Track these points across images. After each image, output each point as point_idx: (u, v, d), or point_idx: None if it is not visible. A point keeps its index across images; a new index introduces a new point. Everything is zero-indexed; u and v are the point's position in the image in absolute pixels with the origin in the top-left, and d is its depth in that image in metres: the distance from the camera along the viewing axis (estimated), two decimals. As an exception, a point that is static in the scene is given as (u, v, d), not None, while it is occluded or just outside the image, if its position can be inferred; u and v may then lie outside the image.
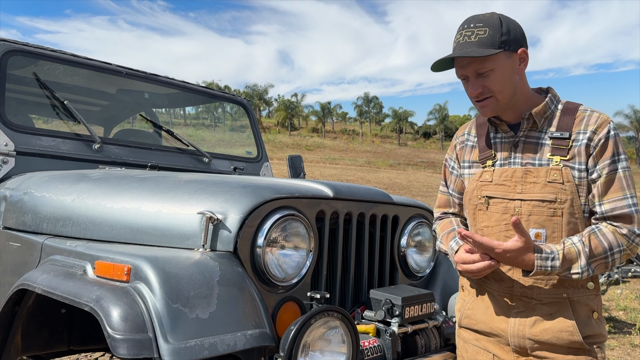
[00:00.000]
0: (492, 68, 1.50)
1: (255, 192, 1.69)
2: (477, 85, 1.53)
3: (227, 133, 4.53)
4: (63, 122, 2.87)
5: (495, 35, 1.49)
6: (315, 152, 56.73)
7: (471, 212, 1.65)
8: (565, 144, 1.51)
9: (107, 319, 1.33)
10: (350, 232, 1.96)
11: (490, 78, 1.51)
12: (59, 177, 2.23)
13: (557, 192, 1.49)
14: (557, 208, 1.50)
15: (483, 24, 1.50)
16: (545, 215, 1.51)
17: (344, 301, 1.96)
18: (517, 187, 1.55)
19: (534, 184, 1.52)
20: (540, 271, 1.45)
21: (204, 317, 1.38)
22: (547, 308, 1.53)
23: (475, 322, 1.65)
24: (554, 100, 1.59)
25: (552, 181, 1.50)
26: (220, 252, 1.58)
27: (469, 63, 1.51)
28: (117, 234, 1.80)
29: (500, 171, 1.59)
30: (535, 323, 1.53)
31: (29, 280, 1.68)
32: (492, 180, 1.60)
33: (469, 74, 1.53)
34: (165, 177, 2.01)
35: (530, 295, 1.55)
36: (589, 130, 1.50)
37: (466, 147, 1.74)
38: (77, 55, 2.96)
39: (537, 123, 1.57)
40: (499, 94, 1.53)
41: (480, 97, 1.54)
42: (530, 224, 1.52)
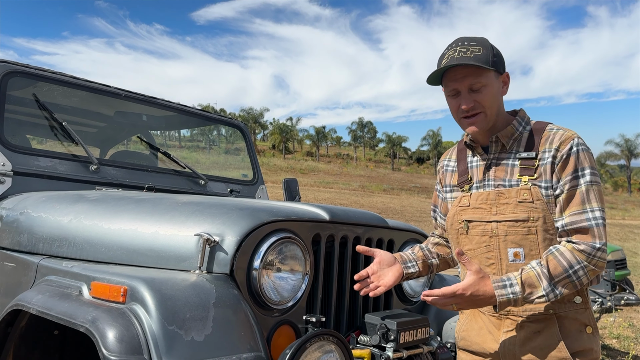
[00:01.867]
0: (486, 84, 1.56)
1: (252, 215, 1.70)
2: (470, 99, 1.56)
3: (221, 155, 4.55)
4: (61, 143, 2.88)
5: (488, 55, 1.55)
6: (310, 176, 56.79)
7: (454, 236, 1.70)
8: (532, 164, 1.55)
9: (103, 340, 1.32)
10: (345, 256, 1.97)
11: (483, 93, 1.56)
12: (56, 198, 2.23)
13: (528, 211, 1.53)
14: (531, 226, 1.53)
15: (477, 43, 1.57)
16: (520, 235, 1.55)
17: (339, 325, 1.96)
18: (492, 209, 1.59)
19: (506, 205, 1.56)
20: (504, 300, 1.44)
21: (200, 339, 1.38)
22: (534, 325, 1.54)
23: (470, 343, 1.69)
24: (521, 122, 1.63)
25: (523, 201, 1.54)
26: (217, 274, 1.59)
27: (464, 77, 1.55)
28: (114, 255, 1.80)
29: (476, 195, 1.64)
30: (524, 342, 1.55)
31: (24, 301, 1.67)
32: (470, 204, 1.65)
33: (462, 87, 1.57)
34: (163, 199, 2.02)
35: (516, 313, 1.57)
36: (553, 147, 1.53)
37: (447, 172, 1.81)
38: (76, 77, 2.99)
39: (505, 145, 1.62)
40: (488, 109, 1.57)
41: (471, 111, 1.57)
42: (508, 243, 1.56)
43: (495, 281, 1.47)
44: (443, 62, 1.58)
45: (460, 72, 1.56)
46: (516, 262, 1.55)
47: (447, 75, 1.60)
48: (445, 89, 1.64)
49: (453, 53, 1.56)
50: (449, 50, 1.59)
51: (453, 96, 1.61)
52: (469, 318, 1.71)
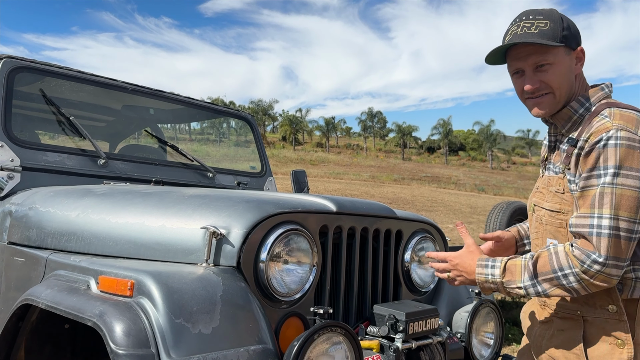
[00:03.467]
0: (553, 62, 1.41)
1: (259, 207, 1.70)
2: (535, 79, 1.43)
3: (231, 148, 4.55)
4: (69, 138, 2.89)
5: (556, 29, 1.39)
6: (320, 167, 56.79)
7: (530, 216, 1.63)
8: (570, 152, 1.42)
9: (110, 334, 1.33)
10: (353, 247, 1.96)
11: (550, 73, 1.41)
12: (64, 193, 2.24)
13: (560, 202, 1.45)
14: (562, 219, 1.45)
15: (543, 17, 1.41)
16: (554, 226, 1.47)
17: (348, 316, 1.95)
18: (545, 195, 1.52)
19: (550, 193, 1.49)
20: (482, 279, 1.41)
21: (207, 332, 1.38)
22: (560, 323, 1.48)
23: (523, 325, 1.70)
24: (584, 103, 1.45)
25: (557, 191, 1.45)
26: (224, 267, 1.58)
27: (528, 55, 1.41)
28: (121, 249, 1.80)
29: (541, 178, 1.57)
30: (552, 336, 1.50)
31: (33, 295, 1.68)
32: (538, 187, 1.58)
33: (527, 66, 1.43)
34: (169, 192, 2.02)
35: (549, 306, 1.51)
36: (583, 138, 1.37)
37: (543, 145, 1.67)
38: (83, 72, 2.99)
39: (559, 128, 1.49)
40: (557, 90, 1.42)
41: (537, 92, 1.44)
42: (547, 233, 1.49)
43: (480, 259, 1.44)
44: (506, 39, 1.44)
45: (524, 49, 1.42)
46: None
47: (510, 53, 1.46)
48: (509, 68, 1.50)
49: (516, 29, 1.42)
50: (513, 25, 1.44)
51: (517, 76, 1.48)
52: (532, 301, 1.69)
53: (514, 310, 6.63)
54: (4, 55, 2.68)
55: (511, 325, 5.84)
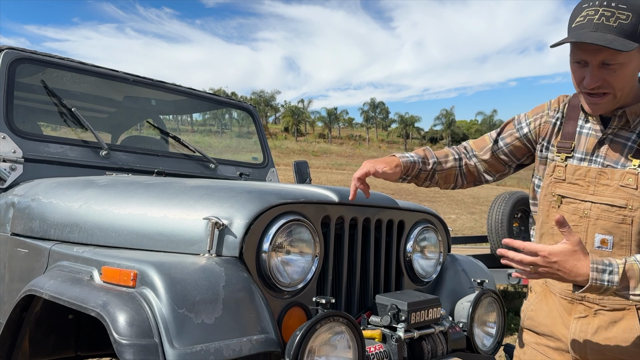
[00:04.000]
0: (623, 62, 1.29)
1: (261, 198, 1.70)
2: (598, 77, 1.32)
3: (233, 139, 4.54)
4: (71, 129, 2.89)
5: (637, 25, 1.26)
6: (322, 158, 56.73)
7: (545, 208, 1.54)
8: None
9: (114, 324, 1.33)
10: (355, 238, 1.96)
11: (617, 73, 1.31)
12: (66, 184, 2.24)
13: (628, 198, 1.36)
14: (627, 215, 1.37)
15: (627, 7, 1.27)
16: (613, 222, 1.39)
17: (350, 306, 1.96)
18: (589, 187, 1.42)
19: (606, 187, 1.39)
20: (595, 286, 1.23)
21: (210, 322, 1.38)
22: (611, 314, 1.41)
23: (537, 324, 1.58)
24: None
25: (625, 185, 1.36)
26: (226, 258, 1.59)
27: (598, 50, 1.28)
28: (124, 239, 1.80)
29: (573, 169, 1.45)
30: (597, 331, 1.42)
31: (37, 286, 1.69)
32: (565, 178, 1.47)
33: (593, 61, 1.31)
34: (172, 183, 2.02)
35: (592, 300, 1.43)
36: None
37: (550, 124, 1.57)
38: (84, 63, 2.99)
39: (630, 122, 1.41)
40: (619, 91, 1.34)
41: (596, 90, 1.35)
42: (597, 228, 1.41)
43: (595, 262, 1.24)
44: (577, 21, 1.30)
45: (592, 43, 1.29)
46: (602, 250, 1.39)
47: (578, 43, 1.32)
48: (573, 54, 1.36)
49: (593, 15, 1.27)
50: (589, 8, 1.30)
51: (579, 65, 1.36)
52: (539, 298, 1.59)
53: (517, 301, 6.64)
54: (5, 46, 2.67)
55: (513, 315, 5.86)
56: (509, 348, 2.18)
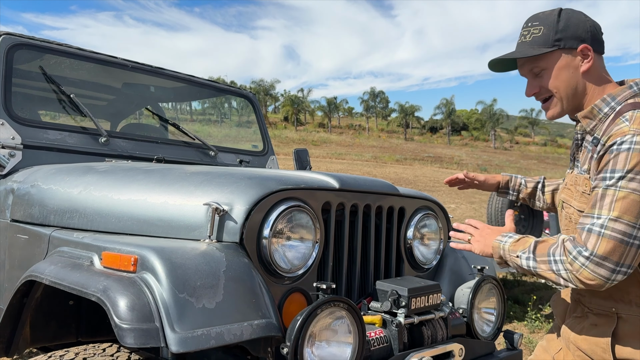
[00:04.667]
0: (545, 67, 1.48)
1: (261, 184, 1.69)
2: (534, 85, 1.52)
3: (233, 129, 4.53)
4: (70, 116, 2.88)
5: (549, 34, 1.45)
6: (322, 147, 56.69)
7: (558, 212, 1.68)
8: (594, 152, 1.41)
9: (114, 308, 1.33)
10: (356, 224, 1.95)
11: (545, 77, 1.49)
12: (66, 170, 2.23)
13: (587, 204, 1.41)
14: None
15: (539, 23, 1.48)
16: None
17: (351, 292, 1.96)
18: (572, 193, 1.54)
19: (577, 192, 1.50)
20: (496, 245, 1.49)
21: (211, 307, 1.38)
22: (594, 318, 1.51)
23: (556, 313, 1.74)
24: (610, 102, 1.43)
25: (584, 192, 1.46)
26: (227, 243, 1.58)
27: (523, 64, 1.52)
28: (124, 225, 1.80)
29: (570, 175, 1.59)
30: (581, 330, 1.53)
31: (37, 272, 1.69)
32: (566, 184, 1.60)
33: (525, 74, 1.53)
34: (172, 169, 2.01)
35: (583, 302, 1.56)
36: (602, 140, 1.37)
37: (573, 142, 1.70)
38: (82, 49, 2.97)
39: (585, 127, 1.49)
40: (557, 92, 1.48)
41: (538, 97, 1.52)
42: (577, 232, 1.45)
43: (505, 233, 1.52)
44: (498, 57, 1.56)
45: (520, 59, 1.52)
46: None
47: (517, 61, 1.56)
48: None
49: (519, 38, 1.53)
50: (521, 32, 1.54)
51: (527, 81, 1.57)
52: (565, 292, 1.73)
53: (516, 289, 6.67)
54: (2, 32, 2.65)
55: (513, 303, 5.88)
56: (509, 335, 2.19)
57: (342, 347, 1.55)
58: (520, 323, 5.27)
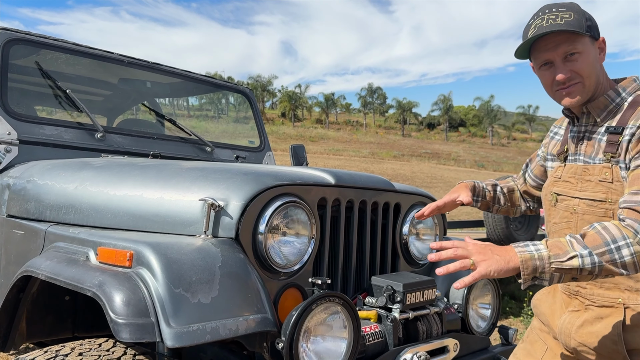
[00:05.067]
0: (582, 51, 1.43)
1: (257, 179, 1.69)
2: (566, 69, 1.44)
3: (230, 125, 4.53)
4: (66, 112, 2.87)
5: (581, 20, 1.42)
6: (319, 144, 56.68)
7: (546, 207, 1.64)
8: (616, 140, 1.41)
9: (110, 303, 1.34)
10: (352, 220, 1.96)
11: (579, 62, 1.44)
12: (62, 165, 2.23)
13: (607, 192, 1.42)
14: (608, 208, 1.42)
15: (566, 9, 1.44)
16: (597, 216, 1.44)
17: (346, 288, 1.97)
18: (577, 184, 1.50)
19: (589, 182, 1.47)
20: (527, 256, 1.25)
21: (206, 302, 1.39)
22: (599, 311, 1.48)
23: (539, 312, 1.69)
24: (620, 93, 1.48)
25: (603, 180, 1.43)
26: (222, 239, 1.59)
27: (557, 45, 1.43)
28: (120, 220, 1.80)
29: (568, 167, 1.56)
30: (583, 324, 1.50)
31: (33, 267, 1.69)
32: (561, 177, 1.57)
33: (556, 57, 1.44)
34: (167, 165, 2.01)
35: (584, 295, 1.51)
36: (633, 124, 1.37)
37: (553, 139, 1.73)
38: (78, 45, 2.96)
39: (596, 118, 1.49)
40: (587, 79, 1.45)
41: (568, 82, 1.46)
42: (585, 223, 1.45)
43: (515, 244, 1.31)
44: (530, 32, 1.45)
45: (553, 40, 1.43)
46: None
47: (537, 46, 1.47)
48: (536, 61, 1.51)
49: (541, 22, 1.43)
50: (536, 19, 1.46)
51: (546, 67, 1.49)
52: (547, 290, 1.69)
53: (512, 285, 6.69)
54: (-2, 27, 2.64)
55: (509, 299, 5.91)
56: (504, 330, 2.20)
57: (337, 342, 1.56)
58: (517, 319, 5.30)
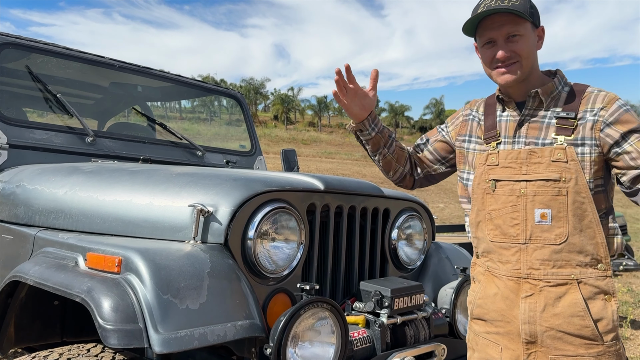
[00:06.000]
0: (523, 34, 1.54)
1: (246, 185, 1.70)
2: (507, 48, 1.55)
3: (222, 127, 4.53)
4: (56, 116, 2.87)
5: (526, 6, 1.53)
6: (312, 147, 56.66)
7: (480, 196, 1.64)
8: (570, 124, 1.53)
9: (98, 309, 1.34)
10: (341, 225, 1.98)
11: (520, 43, 1.54)
12: (52, 170, 2.23)
13: (561, 171, 1.50)
14: (562, 187, 1.50)
15: None
16: (550, 195, 1.51)
17: (335, 293, 1.98)
18: (522, 168, 1.55)
19: (538, 164, 1.53)
20: None
21: (194, 308, 1.40)
22: (555, 290, 1.50)
23: (486, 311, 1.62)
24: (561, 81, 1.61)
25: (556, 160, 1.51)
26: (211, 244, 1.60)
27: (502, 25, 1.53)
28: (109, 226, 1.81)
29: (505, 153, 1.59)
30: (545, 308, 1.50)
31: (22, 272, 1.69)
32: (498, 163, 1.61)
33: (500, 36, 1.55)
34: (157, 170, 2.02)
35: (537, 277, 1.52)
36: (597, 107, 1.51)
37: (471, 121, 1.76)
38: (69, 49, 2.96)
39: (544, 102, 1.59)
40: (525, 60, 1.55)
41: (507, 61, 1.55)
42: (536, 204, 1.52)
43: None
44: (479, 10, 1.55)
45: (498, 20, 1.54)
46: (542, 224, 1.51)
47: (483, 24, 1.57)
48: (480, 38, 1.61)
49: (490, 2, 1.53)
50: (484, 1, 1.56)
51: (488, 46, 1.59)
52: (484, 285, 1.64)
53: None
54: (-12, 31, 2.63)
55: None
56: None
57: (325, 348, 1.57)
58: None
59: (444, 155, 1.86)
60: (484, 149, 1.68)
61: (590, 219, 1.49)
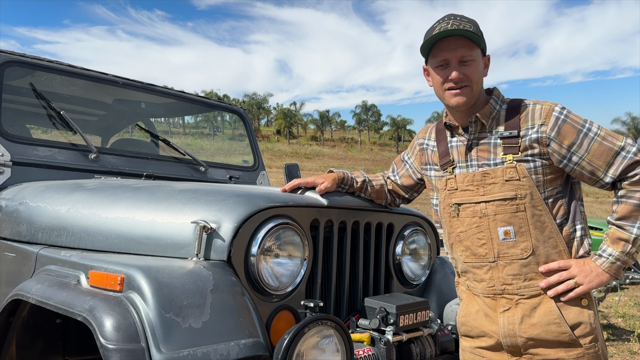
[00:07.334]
0: (475, 59, 1.60)
1: (249, 201, 1.69)
2: (459, 71, 1.59)
3: (225, 142, 4.54)
4: (60, 132, 2.87)
5: (478, 33, 1.58)
6: (314, 161, 56.75)
7: (447, 220, 1.72)
8: (515, 142, 1.57)
9: (100, 328, 1.33)
10: (344, 241, 1.96)
11: (472, 67, 1.59)
12: (54, 187, 2.23)
13: (515, 189, 1.55)
14: (519, 204, 1.55)
15: (468, 21, 1.60)
16: (509, 213, 1.57)
17: (339, 310, 1.96)
18: (479, 189, 1.61)
19: (493, 185, 1.58)
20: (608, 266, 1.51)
21: (197, 326, 1.38)
22: (530, 301, 1.57)
23: (470, 328, 1.70)
24: (497, 101, 1.66)
25: (509, 179, 1.56)
26: (214, 261, 1.58)
27: (457, 47, 1.58)
28: (111, 243, 1.80)
29: (462, 177, 1.66)
30: (522, 319, 1.57)
31: (23, 291, 1.68)
32: (457, 187, 1.67)
33: (454, 58, 1.58)
34: (160, 187, 2.01)
35: (511, 291, 1.59)
36: (537, 123, 1.55)
37: (426, 150, 1.83)
38: (73, 66, 2.98)
39: (485, 124, 1.63)
40: (475, 85, 1.60)
41: (459, 83, 1.59)
42: (498, 222, 1.58)
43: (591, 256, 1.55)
44: (435, 32, 1.58)
45: (454, 42, 1.58)
46: (507, 241, 1.58)
47: (439, 46, 1.60)
48: (434, 59, 1.64)
49: (446, 25, 1.57)
50: (441, 22, 1.60)
51: (441, 67, 1.62)
52: (466, 303, 1.73)
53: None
54: (-8, 49, 2.65)
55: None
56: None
57: (330, 366, 1.54)
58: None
59: (413, 185, 1.96)
60: (442, 174, 1.74)
61: (550, 229, 1.55)
